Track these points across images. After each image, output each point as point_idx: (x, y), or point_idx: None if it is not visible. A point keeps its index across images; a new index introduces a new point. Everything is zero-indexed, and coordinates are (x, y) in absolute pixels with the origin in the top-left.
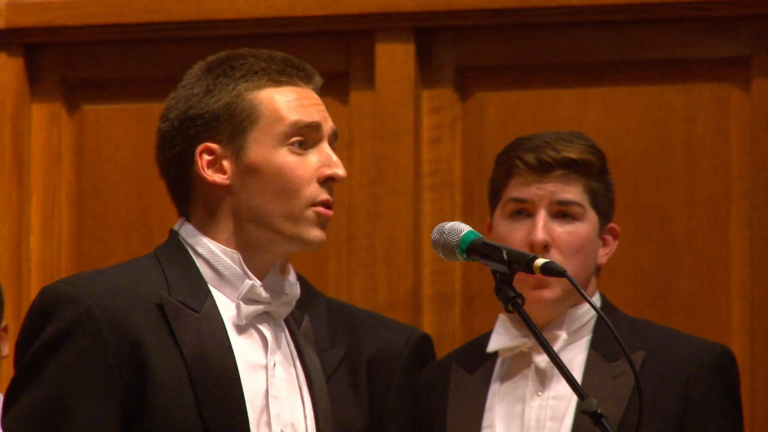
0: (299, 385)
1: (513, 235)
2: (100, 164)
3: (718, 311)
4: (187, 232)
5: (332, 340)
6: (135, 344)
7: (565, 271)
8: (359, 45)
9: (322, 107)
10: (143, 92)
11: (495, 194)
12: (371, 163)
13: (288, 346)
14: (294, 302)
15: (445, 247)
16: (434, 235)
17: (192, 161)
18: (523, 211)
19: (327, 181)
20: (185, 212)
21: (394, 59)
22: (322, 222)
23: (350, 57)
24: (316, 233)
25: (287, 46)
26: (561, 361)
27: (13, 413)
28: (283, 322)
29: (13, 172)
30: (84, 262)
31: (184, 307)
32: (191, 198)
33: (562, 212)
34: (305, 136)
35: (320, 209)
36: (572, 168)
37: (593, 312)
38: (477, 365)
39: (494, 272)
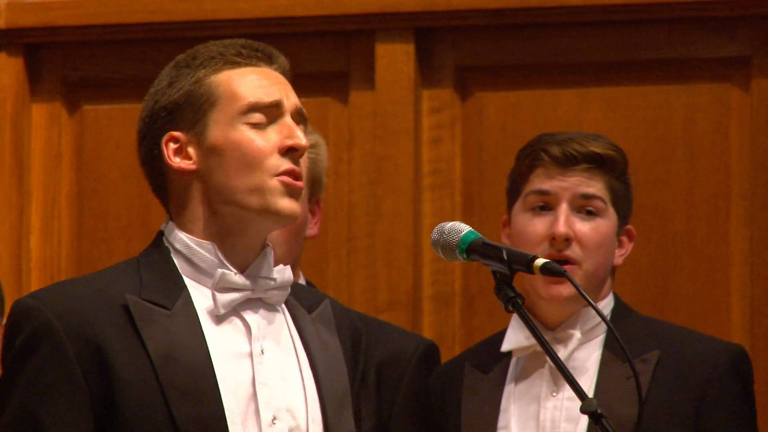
0: (300, 368)
1: (533, 228)
2: (100, 164)
3: (718, 311)
4: (168, 230)
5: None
6: (98, 349)
7: (564, 270)
8: (359, 45)
9: (283, 85)
10: (143, 92)
11: (515, 188)
12: (371, 163)
13: (289, 330)
14: (288, 288)
15: (445, 247)
16: (434, 235)
17: (161, 153)
18: (546, 205)
19: (289, 152)
20: (168, 210)
21: (394, 59)
22: (290, 192)
23: (350, 57)
24: (284, 203)
25: (287, 46)
26: (562, 362)
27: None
28: (283, 307)
29: (13, 172)
30: (84, 262)
31: (152, 306)
32: (168, 192)
33: (585, 206)
34: (265, 114)
35: (285, 178)
36: (597, 163)
37: (607, 310)
38: (491, 365)
39: (494, 272)
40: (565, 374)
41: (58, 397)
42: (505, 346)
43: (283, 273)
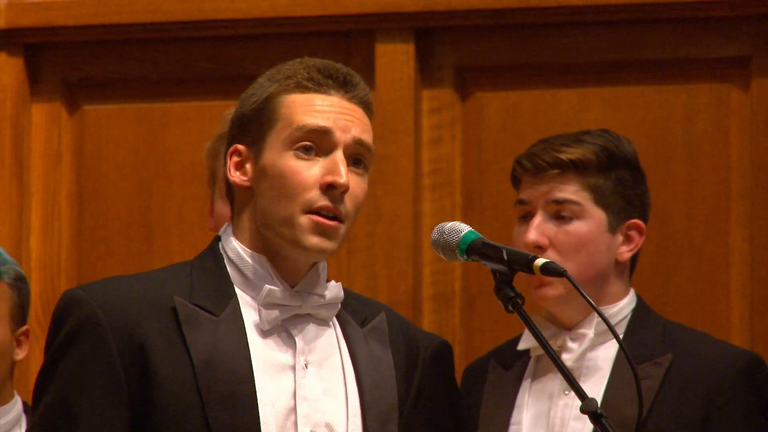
0: (345, 384)
1: (520, 237)
2: (100, 164)
3: (718, 311)
4: (225, 235)
5: None
6: (140, 347)
7: (565, 271)
8: (359, 45)
9: (345, 115)
10: (143, 92)
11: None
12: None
13: (338, 345)
14: (338, 304)
15: (445, 247)
16: (434, 235)
17: (225, 163)
18: (528, 214)
19: (330, 189)
20: (232, 215)
21: (394, 59)
22: (320, 230)
23: (350, 57)
24: (313, 240)
25: (287, 46)
26: (561, 361)
27: (33, 418)
28: (335, 321)
29: (13, 172)
30: (84, 262)
31: (199, 311)
32: (233, 199)
33: (559, 211)
34: (315, 142)
35: (315, 217)
36: (566, 168)
37: (626, 312)
38: (513, 362)
39: (494, 272)
40: (565, 374)
41: (95, 390)
42: (522, 345)
43: (334, 290)
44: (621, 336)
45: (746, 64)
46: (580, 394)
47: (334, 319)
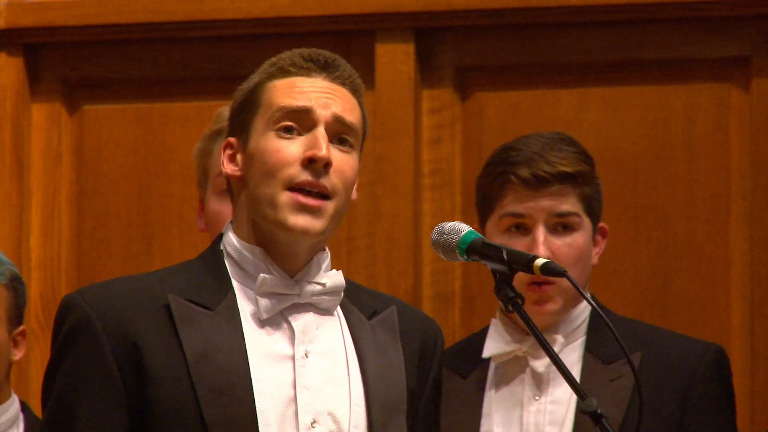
0: (348, 373)
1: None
2: (100, 164)
3: (718, 311)
4: (226, 231)
5: None
6: (134, 346)
7: (565, 270)
8: (359, 45)
9: (327, 94)
10: (143, 92)
11: (486, 204)
12: (371, 163)
13: (342, 336)
14: (341, 293)
15: (445, 247)
16: (434, 235)
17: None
18: (521, 226)
19: (311, 164)
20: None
21: (394, 59)
22: (302, 209)
23: (350, 57)
24: (295, 219)
25: (287, 46)
26: (561, 361)
27: (42, 421)
28: (339, 312)
29: (13, 172)
30: (84, 262)
31: (193, 306)
32: (231, 195)
33: (561, 224)
34: (297, 122)
35: (296, 195)
36: (566, 180)
37: (585, 313)
38: (470, 369)
39: (494, 272)
40: (566, 375)
41: (92, 391)
42: (487, 353)
43: (334, 278)
44: (585, 337)
45: (746, 64)
46: (581, 394)
47: (339, 309)
